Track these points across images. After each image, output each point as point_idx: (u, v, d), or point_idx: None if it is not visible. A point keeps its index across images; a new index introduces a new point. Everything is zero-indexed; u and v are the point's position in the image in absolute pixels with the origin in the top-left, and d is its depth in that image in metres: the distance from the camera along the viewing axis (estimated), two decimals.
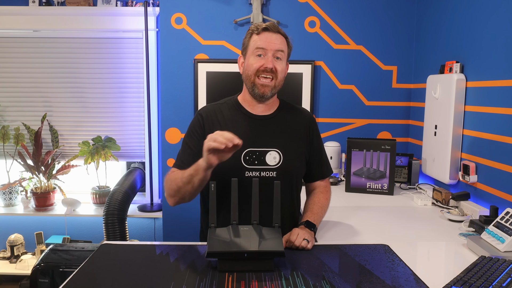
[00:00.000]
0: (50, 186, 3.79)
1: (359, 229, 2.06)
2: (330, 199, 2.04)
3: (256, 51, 1.80)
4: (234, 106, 1.92)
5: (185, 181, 1.68)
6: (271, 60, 1.79)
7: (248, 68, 1.83)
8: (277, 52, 1.80)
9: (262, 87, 1.81)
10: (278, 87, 1.85)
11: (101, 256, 1.59)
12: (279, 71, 1.81)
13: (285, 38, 1.85)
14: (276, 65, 1.80)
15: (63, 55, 3.80)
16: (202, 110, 1.92)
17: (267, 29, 1.80)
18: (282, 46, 1.81)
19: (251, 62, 1.81)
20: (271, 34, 1.80)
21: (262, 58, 1.80)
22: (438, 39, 2.95)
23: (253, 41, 1.82)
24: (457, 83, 2.54)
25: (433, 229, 2.09)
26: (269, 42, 1.79)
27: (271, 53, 1.79)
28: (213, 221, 1.55)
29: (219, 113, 1.89)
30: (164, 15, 3.32)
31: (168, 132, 3.42)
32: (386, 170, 2.75)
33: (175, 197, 1.76)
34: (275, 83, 1.82)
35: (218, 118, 1.88)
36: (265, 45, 1.79)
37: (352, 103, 3.40)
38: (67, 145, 3.91)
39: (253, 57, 1.81)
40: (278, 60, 1.81)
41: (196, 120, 1.89)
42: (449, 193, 2.42)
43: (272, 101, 1.91)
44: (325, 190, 2.04)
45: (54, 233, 3.90)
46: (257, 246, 1.43)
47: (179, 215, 3.46)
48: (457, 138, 2.59)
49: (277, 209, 1.56)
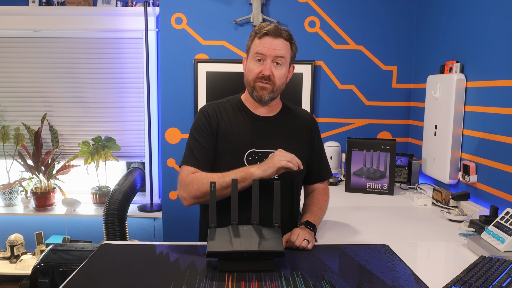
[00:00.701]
0: (50, 186, 3.79)
1: (359, 229, 2.06)
2: (328, 201, 2.04)
3: (255, 56, 1.80)
4: (238, 106, 1.92)
5: (226, 186, 1.68)
6: (269, 67, 1.78)
7: (248, 73, 1.84)
8: (277, 58, 1.79)
9: (260, 90, 1.81)
10: (277, 92, 1.84)
11: (101, 256, 1.58)
12: (277, 77, 1.80)
13: (288, 41, 1.82)
14: (274, 71, 1.79)
15: (63, 55, 3.80)
16: (207, 108, 1.90)
17: (268, 34, 1.78)
18: (282, 52, 1.79)
19: (251, 67, 1.82)
20: (272, 40, 1.78)
21: (261, 64, 1.80)
22: (438, 39, 2.95)
23: (254, 45, 1.82)
24: (457, 83, 2.54)
25: (433, 229, 2.09)
26: (268, 48, 1.77)
27: (270, 59, 1.78)
28: (213, 221, 1.55)
29: (223, 112, 1.89)
30: (164, 15, 3.32)
31: (168, 132, 3.42)
32: (386, 170, 2.75)
33: (201, 198, 1.74)
34: (273, 88, 1.81)
35: (223, 117, 1.87)
36: (265, 51, 1.78)
37: (352, 103, 3.40)
38: (67, 145, 3.91)
39: (253, 61, 1.81)
40: (278, 66, 1.80)
41: (203, 117, 1.87)
42: (449, 193, 2.42)
43: (274, 103, 1.91)
44: (324, 192, 2.05)
45: (54, 233, 3.90)
46: (257, 246, 1.43)
47: (179, 215, 3.46)
48: (457, 138, 2.59)
49: (277, 209, 1.56)
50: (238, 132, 1.85)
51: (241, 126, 1.86)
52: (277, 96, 1.88)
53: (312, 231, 1.76)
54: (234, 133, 1.84)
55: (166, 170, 3.48)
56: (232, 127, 1.85)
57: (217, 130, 1.84)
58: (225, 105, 1.92)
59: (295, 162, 1.66)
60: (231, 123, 1.86)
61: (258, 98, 1.83)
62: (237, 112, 1.90)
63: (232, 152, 1.83)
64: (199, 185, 1.72)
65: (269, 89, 1.81)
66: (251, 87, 1.83)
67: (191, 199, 1.76)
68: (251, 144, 1.83)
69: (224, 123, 1.86)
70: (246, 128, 1.86)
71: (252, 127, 1.87)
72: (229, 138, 1.83)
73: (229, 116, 1.88)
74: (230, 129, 1.85)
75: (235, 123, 1.87)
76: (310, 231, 1.75)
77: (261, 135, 1.86)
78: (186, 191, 1.76)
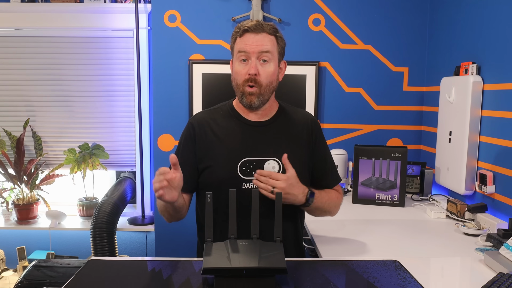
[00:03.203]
0: (33, 197, 3.80)
1: (367, 243, 2.07)
2: (340, 201, 2.03)
3: (239, 56, 1.80)
4: (229, 112, 1.92)
5: (162, 209, 1.81)
6: (255, 65, 1.77)
7: (235, 76, 1.83)
8: (262, 54, 1.78)
9: (249, 96, 1.80)
10: (266, 93, 1.83)
11: (89, 273, 1.59)
12: (264, 76, 1.79)
13: (273, 34, 1.82)
14: (260, 69, 1.79)
15: (48, 56, 3.82)
16: (194, 119, 1.92)
17: (248, 30, 1.78)
18: (267, 47, 1.78)
19: (236, 69, 1.82)
20: (253, 35, 1.78)
21: (247, 64, 1.79)
22: (452, 38, 2.96)
23: (236, 44, 1.82)
24: (473, 85, 2.55)
25: (447, 244, 2.10)
26: (250, 44, 1.77)
27: (254, 56, 1.78)
28: (209, 235, 1.55)
29: (212, 121, 1.90)
30: (157, 12, 3.34)
31: (160, 139, 3.44)
32: (397, 180, 2.76)
33: (175, 219, 1.87)
34: (260, 90, 1.80)
35: (211, 127, 1.88)
36: (247, 48, 1.77)
37: (360, 107, 3.41)
38: (52, 153, 3.92)
39: (238, 62, 1.81)
40: (265, 63, 1.79)
41: (187, 131, 1.91)
42: (464, 205, 2.43)
43: (268, 106, 1.90)
44: (336, 190, 2.04)
45: (38, 248, 3.89)
46: (257, 262, 1.44)
47: (172, 228, 3.46)
48: (474, 145, 2.60)
49: (278, 222, 1.56)
50: (230, 140, 1.86)
51: (232, 134, 1.87)
52: (268, 98, 1.86)
53: (307, 196, 1.80)
54: (226, 142, 1.85)
55: None
56: (223, 136, 1.86)
57: (204, 143, 1.87)
58: (215, 113, 1.93)
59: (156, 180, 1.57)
60: (221, 131, 1.87)
61: (248, 104, 1.82)
62: (228, 119, 1.91)
63: (224, 162, 1.83)
64: (163, 213, 1.84)
65: (256, 92, 1.80)
66: (240, 92, 1.82)
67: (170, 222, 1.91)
68: (244, 153, 1.83)
69: (213, 132, 1.87)
70: (238, 136, 1.86)
71: (245, 135, 1.87)
72: (220, 148, 1.85)
73: (219, 125, 1.89)
74: (221, 138, 1.86)
75: (226, 131, 1.87)
76: (302, 188, 1.79)
77: (254, 142, 1.86)
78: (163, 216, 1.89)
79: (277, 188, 1.69)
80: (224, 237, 1.58)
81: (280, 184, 1.70)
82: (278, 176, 1.73)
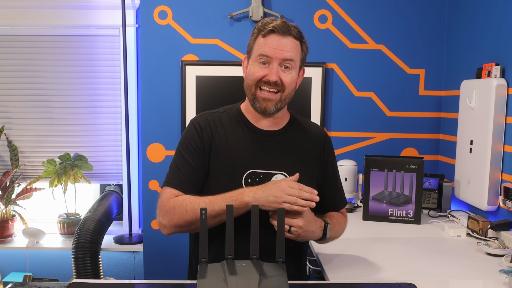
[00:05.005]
0: (8, 214, 3.79)
1: (379, 264, 2.08)
2: (346, 225, 2.05)
3: (259, 58, 1.80)
4: (236, 117, 1.93)
5: (214, 215, 1.69)
6: (276, 71, 1.78)
7: (249, 76, 1.83)
8: (285, 62, 1.79)
9: (264, 101, 1.81)
10: (285, 101, 1.85)
11: None
12: (287, 83, 1.81)
13: (299, 40, 1.83)
14: (282, 76, 1.79)
15: (25, 56, 3.81)
16: (199, 119, 1.92)
17: (274, 30, 1.78)
18: (292, 54, 1.79)
19: (253, 70, 1.81)
20: (279, 38, 1.78)
21: (266, 67, 1.79)
22: (474, 37, 2.98)
23: (257, 44, 1.82)
24: (497, 89, 2.56)
25: (468, 265, 2.11)
26: (275, 48, 1.77)
27: (277, 62, 1.78)
28: (204, 255, 1.53)
29: (218, 124, 1.90)
30: (145, 8, 3.35)
31: (150, 149, 3.44)
32: (412, 194, 2.77)
33: (184, 228, 1.77)
34: (281, 96, 1.82)
35: (218, 130, 1.88)
36: (271, 53, 1.77)
37: (371, 113, 3.42)
38: (29, 164, 3.92)
39: (256, 64, 1.81)
40: (287, 70, 1.80)
41: (193, 130, 1.88)
42: (487, 222, 2.44)
43: (280, 114, 1.92)
44: (341, 213, 2.06)
45: (13, 270, 3.89)
46: (257, 286, 1.44)
47: (163, 247, 3.46)
48: (497, 156, 2.60)
49: (281, 241, 1.55)
50: (236, 149, 1.86)
51: (239, 141, 1.87)
52: (284, 106, 1.89)
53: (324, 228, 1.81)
54: (231, 150, 1.85)
55: (148, 194, 3.49)
56: (228, 143, 1.86)
57: (210, 146, 1.85)
58: (221, 116, 1.93)
59: (303, 203, 1.64)
60: (227, 138, 1.87)
61: (262, 109, 1.83)
62: (235, 124, 1.91)
63: (228, 172, 1.84)
64: (182, 212, 1.73)
65: (275, 99, 1.81)
66: (252, 94, 1.83)
67: (172, 228, 1.77)
68: (251, 164, 1.84)
69: (219, 137, 1.87)
70: (246, 145, 1.87)
71: (253, 143, 1.88)
72: (225, 156, 1.85)
73: (225, 130, 1.89)
74: (226, 145, 1.86)
75: (233, 138, 1.88)
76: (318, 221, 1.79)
77: (263, 153, 1.87)
78: (167, 218, 1.76)
79: (294, 227, 1.69)
80: (221, 253, 1.57)
81: (298, 223, 1.69)
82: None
